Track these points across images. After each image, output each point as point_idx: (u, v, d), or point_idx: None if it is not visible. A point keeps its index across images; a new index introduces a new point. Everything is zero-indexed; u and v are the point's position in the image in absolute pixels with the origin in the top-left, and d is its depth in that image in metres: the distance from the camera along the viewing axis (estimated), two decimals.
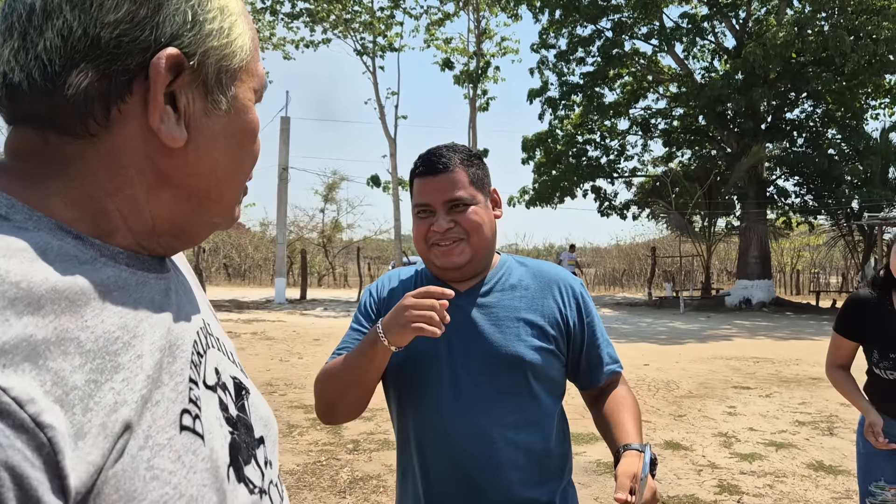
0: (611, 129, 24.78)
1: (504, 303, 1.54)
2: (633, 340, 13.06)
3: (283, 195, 23.23)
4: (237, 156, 0.68)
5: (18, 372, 0.46)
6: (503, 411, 1.48)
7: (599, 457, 5.30)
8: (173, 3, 0.60)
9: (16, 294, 0.49)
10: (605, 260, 36.92)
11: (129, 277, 0.61)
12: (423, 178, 1.51)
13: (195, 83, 0.63)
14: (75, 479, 0.48)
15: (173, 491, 0.55)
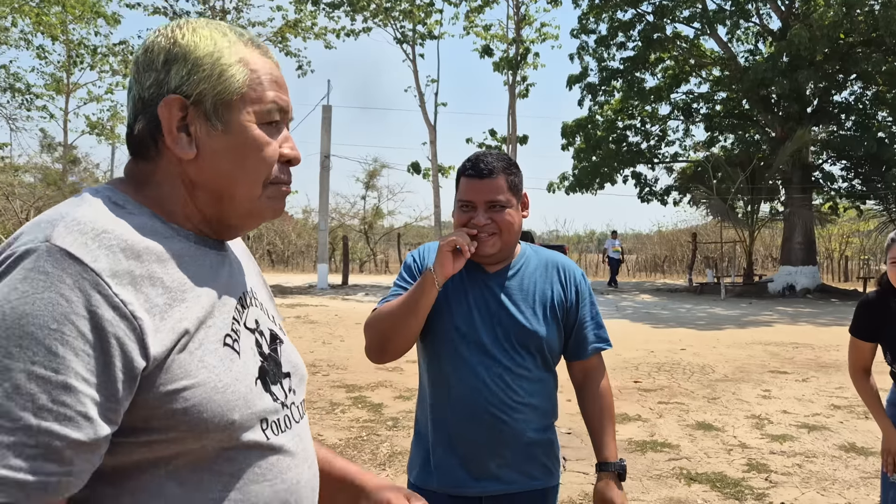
0: (651, 115, 24.53)
1: (524, 285, 1.91)
2: (671, 326, 13.08)
3: (325, 183, 23.63)
4: (241, 164, 0.95)
5: (125, 288, 0.81)
6: (520, 367, 1.86)
7: (631, 436, 5.46)
8: (174, 68, 0.93)
9: (125, 247, 0.84)
10: (647, 246, 36.57)
11: (194, 250, 0.94)
12: (470, 178, 1.83)
13: (200, 114, 0.93)
14: (153, 351, 0.81)
15: (214, 376, 0.88)
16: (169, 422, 0.83)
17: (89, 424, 0.75)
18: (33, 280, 0.76)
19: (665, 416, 6.12)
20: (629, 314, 15.36)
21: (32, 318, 0.74)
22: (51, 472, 0.73)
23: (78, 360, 0.75)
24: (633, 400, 6.75)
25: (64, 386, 0.74)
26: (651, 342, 10.73)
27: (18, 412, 0.72)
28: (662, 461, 4.85)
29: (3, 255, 0.80)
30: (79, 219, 0.82)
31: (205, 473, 0.87)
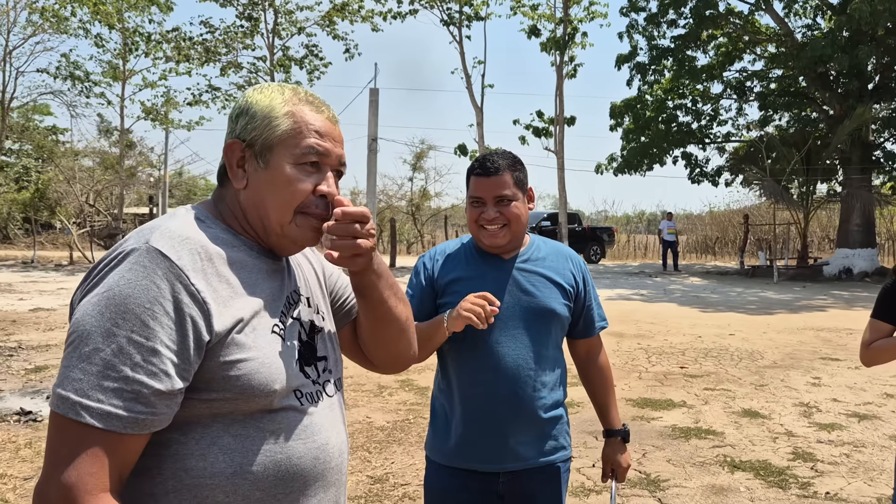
0: (703, 94, 23.99)
1: (538, 269, 2.06)
2: (720, 310, 12.91)
3: (373, 165, 23.85)
4: (273, 194, 1.19)
5: (200, 280, 1.08)
6: (537, 346, 2.01)
7: (675, 422, 5.48)
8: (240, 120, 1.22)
9: (201, 251, 1.12)
10: (697, 227, 35.89)
11: (254, 258, 1.21)
12: (479, 177, 2.01)
13: (252, 154, 1.21)
14: (216, 328, 1.08)
15: (262, 354, 1.13)
16: (226, 384, 1.08)
17: (168, 379, 1.02)
18: (136, 271, 1.04)
19: (710, 403, 6.11)
20: (677, 297, 15.20)
21: (133, 298, 1.02)
22: (140, 412, 1.01)
23: (163, 331, 1.02)
24: (678, 386, 6.74)
25: (152, 350, 1.01)
26: (699, 327, 10.63)
27: (121, 366, 1.00)
28: (706, 448, 4.87)
29: (116, 252, 1.09)
30: (171, 228, 1.12)
31: (251, 429, 1.12)
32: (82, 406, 0.98)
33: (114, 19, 23.65)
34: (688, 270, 23.48)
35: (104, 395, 0.99)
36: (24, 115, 31.68)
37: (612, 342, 9.14)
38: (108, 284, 1.04)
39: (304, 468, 1.17)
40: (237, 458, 1.10)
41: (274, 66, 24.00)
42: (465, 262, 2.08)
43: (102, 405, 0.99)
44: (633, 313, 12.17)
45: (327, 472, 1.22)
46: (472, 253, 2.09)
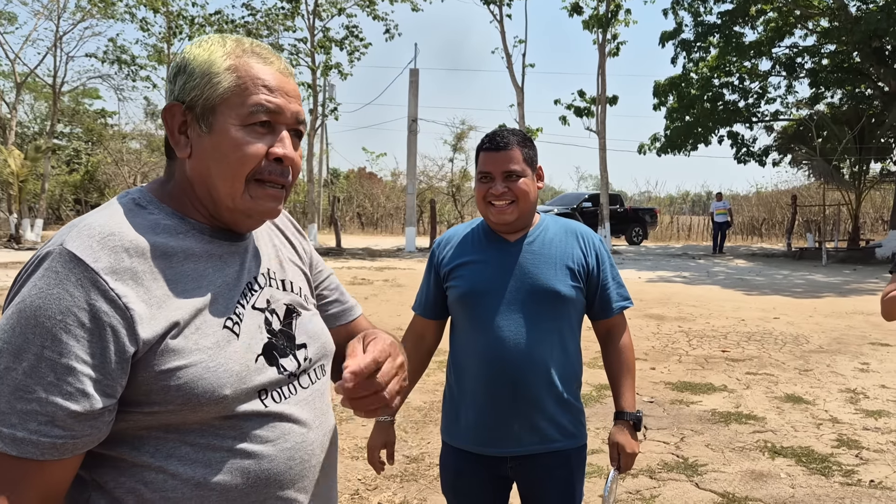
0: (750, 71, 23.34)
1: (544, 251, 2.00)
2: (765, 293, 12.65)
3: (413, 146, 23.85)
4: (220, 162, 1.05)
5: (124, 283, 0.95)
6: (543, 330, 1.95)
7: (715, 407, 5.40)
8: (178, 79, 1.07)
9: (129, 247, 0.98)
10: (744, 208, 35.07)
11: (206, 243, 1.07)
12: (488, 152, 1.97)
13: (193, 118, 1.06)
14: (143, 336, 0.95)
15: (206, 357, 1.00)
16: (165, 396, 0.97)
17: (86, 399, 0.91)
18: (47, 278, 0.93)
19: (752, 388, 6.00)
20: (720, 280, 14.93)
21: (44, 310, 0.91)
22: (57, 436, 0.90)
23: (78, 346, 0.91)
24: (719, 370, 6.64)
25: (66, 367, 0.90)
26: (742, 310, 10.43)
27: (33, 386, 0.89)
28: (746, 433, 4.79)
29: (35, 256, 0.97)
30: (91, 224, 0.98)
31: (210, 437, 1.01)
32: None
33: (158, 3, 23.97)
34: (733, 252, 23.02)
35: (17, 419, 0.89)
36: (75, 99, 32.45)
37: (652, 325, 9.04)
38: (22, 295, 0.93)
39: (277, 472, 1.06)
40: (199, 469, 1.00)
41: (314, 47, 24.10)
42: (472, 246, 2.05)
43: (15, 430, 0.89)
44: (674, 296, 12.00)
45: (307, 471, 1.11)
46: (480, 236, 2.06)
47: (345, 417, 5.00)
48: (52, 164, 29.53)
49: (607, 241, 22.42)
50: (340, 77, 24.91)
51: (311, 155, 25.90)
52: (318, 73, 24.41)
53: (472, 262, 2.01)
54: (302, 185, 28.65)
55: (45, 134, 29.21)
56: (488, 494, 2.05)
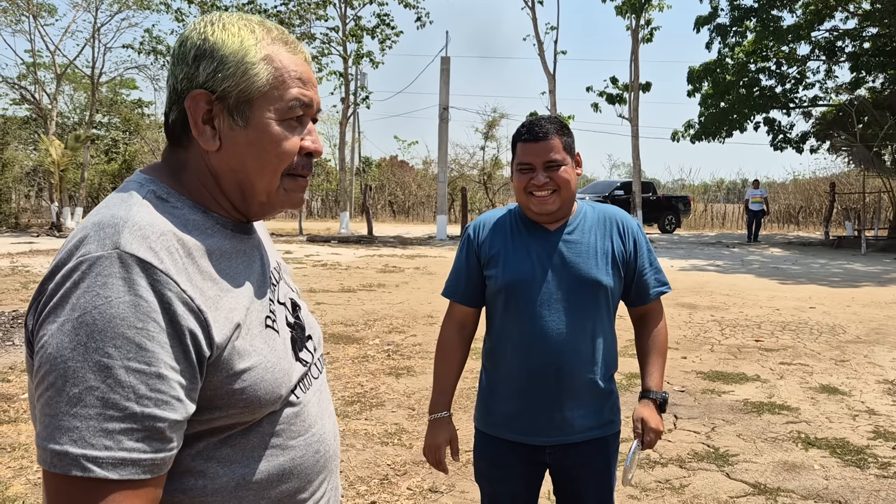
0: (788, 56, 22.83)
1: (584, 239, 1.99)
2: (801, 282, 12.43)
3: (444, 134, 23.84)
4: (260, 158, 1.01)
5: (188, 284, 0.91)
6: (584, 319, 1.96)
7: (747, 396, 5.35)
8: (203, 64, 0.99)
9: (180, 247, 0.94)
10: (780, 196, 34.42)
11: (232, 239, 1.04)
12: (527, 143, 1.95)
13: (223, 109, 1.00)
14: (217, 340, 0.92)
15: (263, 358, 0.99)
16: (230, 400, 0.94)
17: (181, 405, 0.87)
18: (113, 286, 0.85)
19: (786, 378, 5.92)
20: (755, 269, 14.70)
21: (120, 319, 0.84)
22: (157, 449, 0.85)
23: (164, 352, 0.86)
24: (752, 360, 6.56)
25: (157, 375, 0.85)
26: (777, 299, 10.27)
27: (124, 402, 0.83)
28: (779, 424, 4.73)
29: (76, 260, 0.87)
30: (139, 223, 0.91)
31: (252, 435, 0.99)
32: (88, 458, 0.81)
33: None
34: (768, 241, 22.63)
35: (112, 441, 0.82)
36: (112, 90, 33.00)
37: (684, 314, 8.95)
38: (80, 306, 0.84)
39: (306, 465, 1.06)
40: (238, 469, 0.98)
41: (346, 36, 24.17)
42: (511, 235, 2.03)
43: (113, 452, 0.82)
44: (707, 284, 11.86)
45: (328, 461, 1.12)
46: (518, 224, 2.04)
47: (374, 403, 5.06)
48: (91, 153, 30.11)
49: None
50: (372, 65, 24.98)
51: (343, 143, 26.03)
52: (349, 62, 24.50)
53: (511, 252, 1.99)
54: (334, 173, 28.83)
55: (85, 124, 29.80)
56: (521, 482, 2.05)
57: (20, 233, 23.58)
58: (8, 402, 5.00)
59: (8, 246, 18.15)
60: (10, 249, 17.01)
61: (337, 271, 13.19)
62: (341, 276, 12.47)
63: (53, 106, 27.74)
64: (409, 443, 4.29)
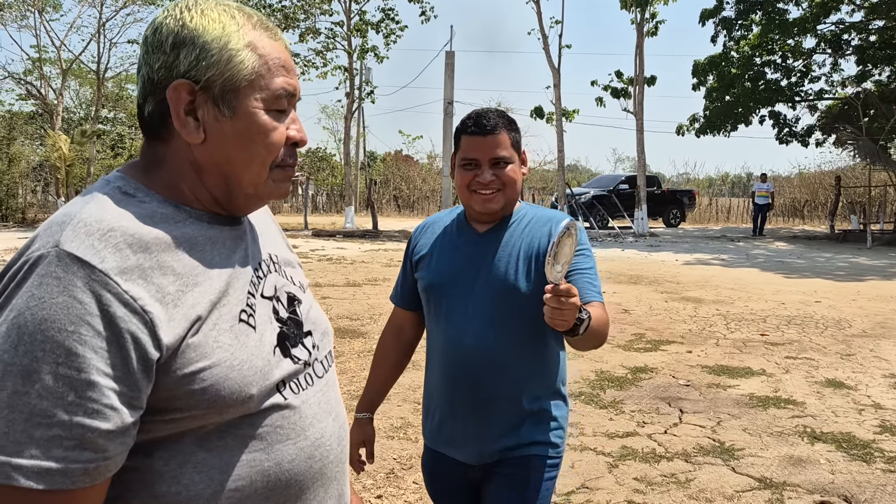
0: (794, 49, 22.71)
1: (511, 241, 1.84)
2: (806, 276, 12.41)
3: (449, 128, 23.82)
4: (248, 149, 0.97)
5: (135, 283, 0.85)
6: (507, 328, 1.79)
7: (753, 391, 5.36)
8: (183, 52, 0.94)
9: (132, 242, 0.88)
10: (785, 189, 34.28)
11: (207, 230, 0.98)
12: (473, 136, 1.80)
13: (207, 99, 0.95)
14: (165, 341, 0.86)
15: (229, 355, 0.93)
16: (189, 401, 0.89)
17: (115, 414, 0.82)
18: (47, 286, 0.81)
19: (791, 372, 5.93)
20: (760, 263, 14.68)
21: (51, 322, 0.79)
22: (89, 459, 0.80)
23: (97, 357, 0.80)
24: (757, 354, 6.57)
25: (88, 383, 0.80)
26: (782, 293, 10.27)
27: (52, 409, 0.78)
28: (785, 418, 4.75)
29: (20, 262, 0.85)
30: (85, 219, 0.86)
31: (229, 438, 0.93)
32: (12, 466, 0.77)
33: None
34: (773, 235, 22.59)
35: (38, 449, 0.78)
36: (118, 85, 33.02)
37: (689, 308, 8.96)
38: (16, 307, 0.81)
39: (297, 472, 0.99)
40: (216, 475, 0.92)
41: (351, 30, 24.15)
42: (445, 235, 1.92)
43: (39, 461, 0.78)
44: (712, 279, 11.86)
45: (326, 468, 1.04)
46: (454, 224, 1.93)
47: None
48: (97, 148, 30.18)
49: (643, 222, 22.18)
50: (377, 60, 24.94)
51: (348, 138, 26.03)
52: (354, 57, 24.48)
53: (439, 253, 1.89)
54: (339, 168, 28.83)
55: (90, 119, 29.87)
56: (462, 497, 1.92)
57: (27, 227, 23.67)
58: None
59: (15, 241, 18.22)
60: (17, 244, 17.08)
61: (342, 266, 13.22)
62: (346, 270, 12.50)
63: (59, 101, 27.80)
64: (414, 437, 4.31)
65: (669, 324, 7.98)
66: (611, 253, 16.45)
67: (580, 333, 1.61)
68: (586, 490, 3.63)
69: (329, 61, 25.02)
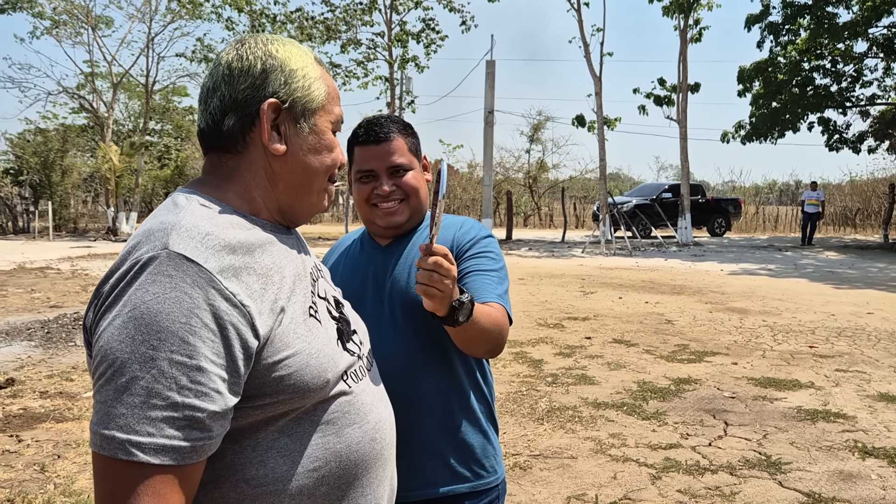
0: (844, 53, 22.18)
1: (412, 250, 1.68)
2: (857, 286, 12.06)
3: (490, 138, 23.83)
4: (320, 161, 1.14)
5: (231, 281, 0.96)
6: (416, 349, 1.62)
7: (801, 404, 5.22)
8: (272, 76, 1.09)
9: (224, 245, 0.99)
10: (836, 197, 33.41)
11: (273, 236, 1.10)
12: (366, 146, 1.66)
13: (290, 116, 1.10)
14: (261, 331, 0.97)
15: (307, 344, 1.04)
16: (277, 387, 0.99)
17: (221, 397, 0.92)
18: (160, 283, 0.91)
19: (842, 385, 5.77)
20: (808, 273, 14.32)
21: (165, 314, 0.90)
22: (197, 438, 0.90)
23: (206, 346, 0.91)
24: (805, 366, 6.40)
25: (198, 368, 0.90)
26: (832, 304, 9.99)
27: (166, 392, 0.88)
28: (835, 432, 4.61)
29: (130, 262, 0.95)
30: (186, 226, 0.98)
31: (307, 424, 1.04)
32: (132, 443, 0.87)
33: (243, 2, 24.75)
34: (823, 244, 22.01)
35: (154, 428, 0.88)
36: (165, 97, 33.90)
37: (734, 319, 8.78)
38: (130, 302, 0.91)
39: (363, 453, 1.11)
40: (297, 458, 1.03)
41: (391, 41, 24.39)
42: (347, 253, 1.79)
43: (155, 438, 0.88)
44: (758, 289, 11.61)
45: (384, 449, 1.16)
46: (357, 243, 1.80)
47: None
48: (145, 159, 31.00)
49: (687, 232, 21.83)
50: (417, 70, 25.16)
51: None
52: (395, 67, 24.70)
53: (341, 272, 1.74)
54: None
55: (139, 131, 30.70)
56: None
57: (79, 237, 24.41)
58: (72, 401, 5.20)
59: (67, 250, 18.80)
60: (70, 253, 17.62)
61: None
62: None
63: (110, 114, 28.66)
64: None
65: (714, 335, 7.83)
66: (653, 262, 16.24)
67: (459, 320, 1.39)
68: (629, 501, 3.58)
69: (370, 71, 25.32)
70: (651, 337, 7.69)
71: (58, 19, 27.33)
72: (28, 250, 18.45)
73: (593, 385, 5.77)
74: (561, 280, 12.81)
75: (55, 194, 27.41)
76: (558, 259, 17.37)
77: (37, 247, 19.95)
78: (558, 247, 21.20)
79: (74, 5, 27.12)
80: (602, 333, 7.87)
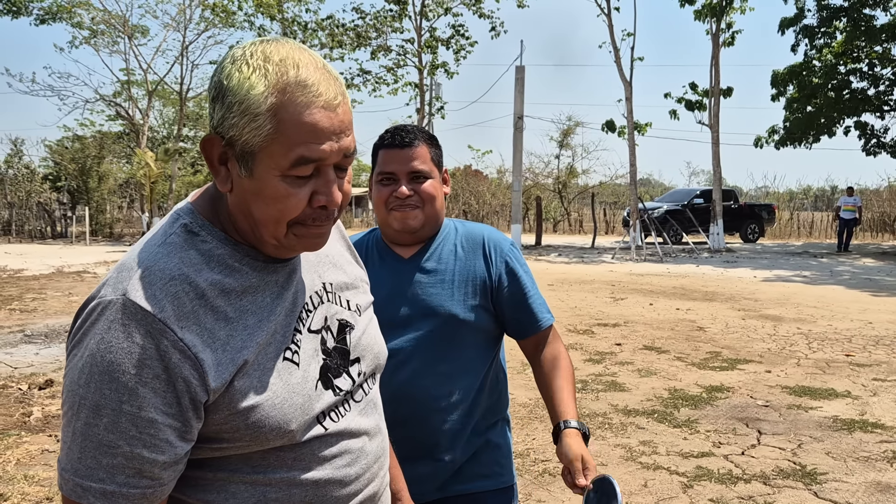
0: (882, 56, 21.73)
1: (441, 267, 1.74)
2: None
3: (519, 143, 23.79)
4: (261, 209, 0.97)
5: (189, 330, 0.94)
6: (445, 361, 1.70)
7: (837, 413, 5.12)
8: (215, 107, 0.96)
9: (189, 290, 0.96)
10: (874, 203, 32.71)
11: (261, 269, 1.03)
12: (391, 149, 1.72)
13: (234, 155, 0.97)
14: (213, 385, 0.95)
15: (272, 394, 1.00)
16: (235, 434, 0.99)
17: (170, 447, 0.93)
18: (115, 332, 0.92)
19: (880, 395, 5.64)
20: (845, 280, 14.04)
21: (117, 364, 0.91)
22: (146, 486, 0.93)
23: (157, 398, 0.91)
24: (842, 375, 6.28)
25: (148, 420, 0.91)
26: (869, 312, 9.78)
27: (117, 441, 0.90)
28: (872, 442, 4.52)
29: (93, 304, 0.95)
30: (151, 268, 0.96)
31: (272, 458, 1.03)
32: (83, 487, 0.91)
33: (274, 10, 25.07)
34: (860, 251, 21.57)
35: (105, 474, 0.91)
36: (199, 105, 34.43)
37: (768, 326, 8.64)
38: (89, 348, 0.92)
39: (333, 488, 1.08)
40: (259, 487, 1.03)
41: (421, 47, 24.50)
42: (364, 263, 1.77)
43: (105, 485, 0.91)
44: (793, 296, 11.41)
45: (362, 485, 1.12)
46: (373, 250, 1.81)
47: None
48: (179, 165, 31.51)
49: (719, 237, 21.55)
50: (447, 76, 25.23)
51: None
52: (424, 73, 24.81)
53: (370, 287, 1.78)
54: None
55: (173, 138, 31.24)
56: None
57: (114, 241, 24.91)
58: None
59: (104, 254, 19.20)
60: (106, 258, 17.99)
61: None
62: None
63: (145, 121, 29.24)
64: None
65: (747, 342, 7.72)
66: (684, 269, 16.06)
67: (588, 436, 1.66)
68: None
69: (400, 78, 25.45)
70: (682, 344, 7.61)
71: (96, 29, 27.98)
72: (66, 254, 18.87)
73: (623, 392, 5.72)
74: (591, 286, 12.73)
75: (92, 200, 28.02)
76: (588, 265, 17.27)
77: (74, 251, 20.39)
78: (588, 253, 21.07)
79: (112, 15, 27.75)
80: (632, 340, 7.81)
